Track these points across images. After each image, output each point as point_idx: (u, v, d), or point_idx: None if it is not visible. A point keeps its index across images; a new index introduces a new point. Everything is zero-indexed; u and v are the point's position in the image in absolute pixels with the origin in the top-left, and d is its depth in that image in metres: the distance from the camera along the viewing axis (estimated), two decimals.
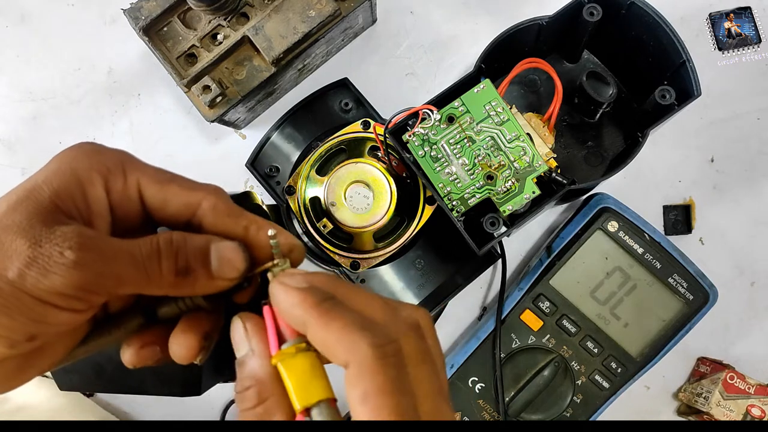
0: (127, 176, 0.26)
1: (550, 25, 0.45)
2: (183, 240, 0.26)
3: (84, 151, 0.26)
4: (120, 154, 0.27)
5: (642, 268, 0.48)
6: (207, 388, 0.39)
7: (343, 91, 0.52)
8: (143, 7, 0.44)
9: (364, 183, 0.47)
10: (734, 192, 0.53)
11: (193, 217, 0.27)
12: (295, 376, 0.26)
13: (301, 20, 0.45)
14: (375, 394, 0.24)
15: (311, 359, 0.26)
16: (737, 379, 0.48)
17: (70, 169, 0.25)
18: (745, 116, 0.53)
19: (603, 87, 0.47)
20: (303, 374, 0.26)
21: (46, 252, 0.22)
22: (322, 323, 0.25)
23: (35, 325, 0.24)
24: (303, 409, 0.25)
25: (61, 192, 0.24)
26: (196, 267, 0.26)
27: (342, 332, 0.24)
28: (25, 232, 0.23)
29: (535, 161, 0.42)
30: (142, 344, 0.28)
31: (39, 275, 0.22)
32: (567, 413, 0.48)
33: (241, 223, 0.28)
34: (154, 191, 0.27)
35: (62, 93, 0.55)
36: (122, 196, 0.26)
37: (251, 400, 0.26)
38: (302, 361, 0.26)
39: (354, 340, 0.24)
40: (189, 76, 0.45)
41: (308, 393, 0.25)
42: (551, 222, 0.54)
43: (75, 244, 0.23)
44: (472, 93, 0.43)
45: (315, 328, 0.25)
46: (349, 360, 0.24)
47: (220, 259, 0.26)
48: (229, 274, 0.27)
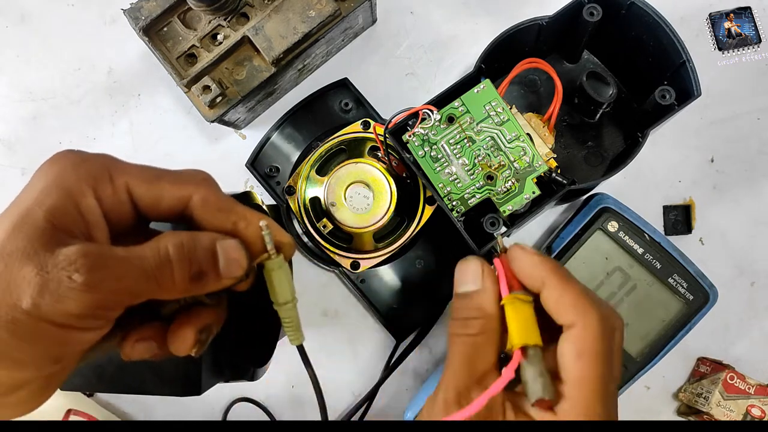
0: (115, 181, 0.26)
1: (550, 25, 0.45)
2: (193, 244, 0.26)
3: (67, 163, 0.25)
4: (103, 159, 0.26)
5: (642, 268, 0.48)
6: (207, 388, 0.39)
7: (343, 91, 0.52)
8: (143, 8, 0.45)
9: (364, 183, 0.47)
10: (734, 192, 0.53)
11: (184, 211, 0.28)
12: (519, 319, 0.30)
13: (301, 20, 0.45)
14: (590, 355, 0.28)
15: (532, 310, 0.30)
16: (737, 379, 0.48)
17: (58, 185, 0.25)
18: (745, 116, 0.53)
19: (603, 87, 0.47)
20: (525, 320, 0.30)
21: (54, 278, 0.22)
22: (561, 285, 0.29)
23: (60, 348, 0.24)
24: (521, 346, 0.29)
25: (55, 211, 0.24)
26: (208, 270, 0.26)
27: (578, 297, 0.29)
28: (29, 259, 0.22)
29: (535, 161, 0.42)
30: (139, 338, 0.28)
31: (53, 302, 0.22)
32: None
33: (231, 218, 0.28)
34: (144, 191, 0.27)
35: (62, 93, 0.55)
36: (113, 202, 0.26)
37: (474, 328, 0.30)
38: (526, 309, 0.30)
39: (587, 306, 0.29)
40: (189, 77, 0.45)
41: (528, 334, 0.29)
42: (551, 222, 0.54)
43: (81, 266, 0.22)
44: (472, 93, 0.43)
45: (552, 288, 0.29)
46: (577, 321, 0.29)
47: (227, 260, 0.27)
48: (235, 273, 0.27)
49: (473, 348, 0.30)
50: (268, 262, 0.28)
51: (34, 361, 0.23)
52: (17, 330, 0.22)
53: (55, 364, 0.24)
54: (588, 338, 0.29)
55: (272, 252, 0.28)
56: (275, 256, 0.28)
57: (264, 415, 0.53)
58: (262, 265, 0.29)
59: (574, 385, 0.29)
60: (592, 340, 0.28)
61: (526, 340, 0.29)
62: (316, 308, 0.54)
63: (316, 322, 0.53)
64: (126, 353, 0.28)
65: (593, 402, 0.28)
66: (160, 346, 0.28)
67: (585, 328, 0.29)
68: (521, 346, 0.29)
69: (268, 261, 0.28)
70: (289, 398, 0.53)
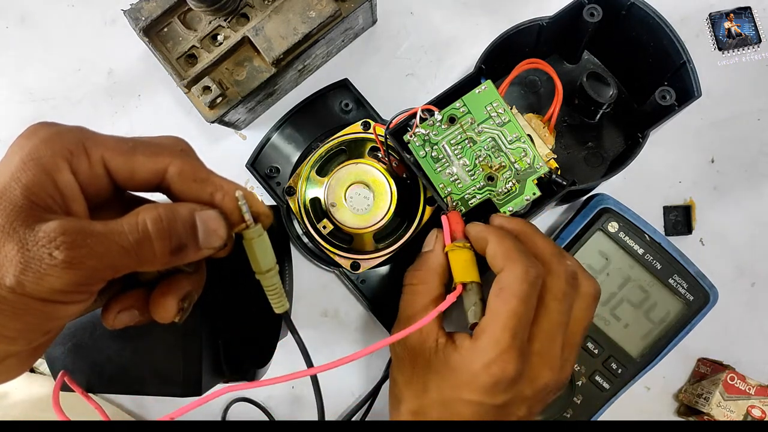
0: (91, 154, 0.26)
1: (551, 26, 0.45)
2: (172, 216, 0.26)
3: (42, 138, 0.25)
4: (78, 131, 0.27)
5: (642, 269, 0.48)
6: (207, 388, 0.39)
7: (343, 92, 0.52)
8: (143, 8, 0.45)
9: (365, 184, 0.47)
10: (734, 193, 0.53)
11: (161, 183, 0.28)
12: (459, 262, 0.38)
13: (301, 21, 0.45)
14: (507, 292, 0.34)
15: (471, 255, 0.38)
16: (737, 379, 0.48)
17: (33, 160, 0.24)
18: (746, 117, 0.53)
19: (603, 88, 0.47)
20: (465, 262, 0.38)
21: (35, 255, 0.22)
22: (498, 241, 0.36)
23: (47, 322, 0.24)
24: (460, 283, 0.37)
25: (32, 186, 0.24)
26: (188, 242, 0.26)
27: (508, 250, 0.36)
28: (9, 236, 0.23)
29: (535, 162, 0.42)
30: (121, 308, 0.28)
31: (35, 279, 0.22)
32: (567, 414, 0.48)
33: (208, 189, 0.28)
34: (120, 164, 0.27)
35: (62, 94, 0.55)
36: (90, 175, 0.26)
37: (416, 279, 0.40)
38: (465, 254, 0.38)
39: (515, 255, 0.35)
40: (189, 77, 0.45)
41: (466, 273, 0.37)
42: (551, 223, 0.54)
43: (61, 243, 0.22)
44: (473, 94, 0.43)
45: (492, 243, 0.36)
46: (505, 266, 0.35)
47: (206, 231, 0.27)
48: (215, 243, 0.27)
49: (411, 294, 0.39)
50: (246, 232, 0.29)
51: (22, 335, 0.24)
52: (2, 307, 0.22)
53: (42, 336, 0.25)
54: (508, 279, 0.34)
55: (249, 222, 0.28)
56: (253, 225, 0.28)
57: (263, 415, 0.53)
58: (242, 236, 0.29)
59: (490, 318, 0.34)
60: (512, 281, 0.34)
61: (464, 278, 0.37)
62: (316, 308, 0.54)
63: (316, 322, 0.53)
64: (109, 323, 0.28)
65: (503, 333, 0.33)
66: (142, 313, 0.29)
67: (508, 271, 0.35)
68: (461, 282, 0.37)
69: (246, 231, 0.28)
70: (288, 398, 0.53)
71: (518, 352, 0.33)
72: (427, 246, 0.41)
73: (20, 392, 0.51)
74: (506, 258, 0.35)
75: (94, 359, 0.38)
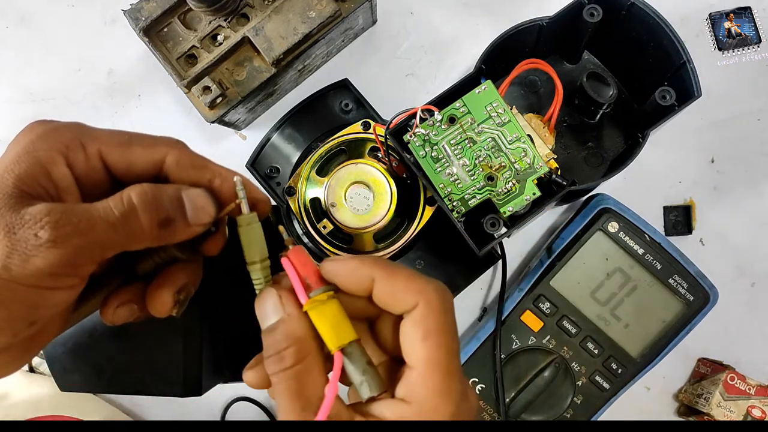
0: (87, 148, 0.26)
1: (551, 26, 0.45)
2: (157, 191, 0.26)
3: (38, 133, 0.26)
4: (75, 127, 0.27)
5: (642, 269, 0.48)
6: (208, 388, 0.39)
7: (343, 92, 0.52)
8: (143, 8, 0.45)
9: (365, 184, 0.47)
10: (735, 193, 0.53)
11: (159, 174, 0.28)
12: (326, 322, 0.27)
13: (301, 21, 0.45)
14: (437, 333, 0.27)
15: (337, 305, 0.28)
16: (737, 379, 0.48)
17: (28, 153, 0.25)
18: (746, 117, 0.53)
19: (603, 88, 0.47)
20: (333, 318, 0.27)
21: (21, 237, 0.22)
22: (389, 274, 0.27)
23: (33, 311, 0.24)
24: (339, 349, 0.27)
25: (25, 177, 0.24)
26: (176, 216, 0.26)
27: (409, 280, 0.27)
28: None
29: (535, 162, 0.42)
30: (120, 303, 0.28)
31: (21, 262, 0.22)
32: (567, 414, 0.48)
33: (206, 175, 0.28)
34: (117, 157, 0.27)
35: (63, 94, 0.55)
36: (86, 169, 0.26)
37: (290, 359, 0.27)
38: (331, 307, 0.28)
39: (423, 285, 0.27)
40: (189, 77, 0.45)
41: (340, 334, 0.27)
42: (552, 223, 0.54)
43: (46, 223, 0.22)
44: (473, 94, 0.43)
45: (382, 280, 0.27)
46: (419, 301, 0.27)
47: (194, 207, 0.27)
48: (203, 220, 0.27)
49: (296, 380, 0.27)
50: (239, 218, 0.28)
51: (9, 325, 0.23)
52: None
53: (30, 327, 0.24)
54: (431, 316, 0.27)
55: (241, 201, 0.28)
56: (247, 211, 0.28)
57: (263, 414, 0.53)
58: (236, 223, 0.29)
59: (425, 368, 0.27)
60: (436, 317, 0.27)
61: (340, 341, 0.27)
62: None
63: None
64: (108, 318, 0.28)
65: (448, 382, 0.27)
66: (141, 308, 0.28)
67: (427, 306, 0.27)
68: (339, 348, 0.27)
69: (239, 217, 0.28)
70: None
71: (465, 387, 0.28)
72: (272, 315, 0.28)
73: (20, 392, 0.51)
74: (413, 290, 0.27)
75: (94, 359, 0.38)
